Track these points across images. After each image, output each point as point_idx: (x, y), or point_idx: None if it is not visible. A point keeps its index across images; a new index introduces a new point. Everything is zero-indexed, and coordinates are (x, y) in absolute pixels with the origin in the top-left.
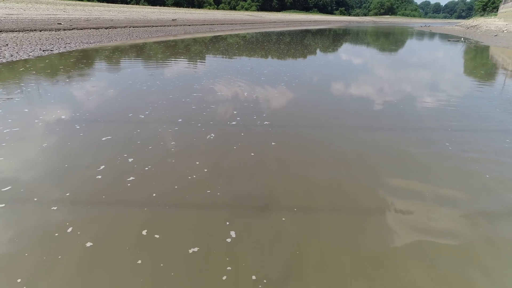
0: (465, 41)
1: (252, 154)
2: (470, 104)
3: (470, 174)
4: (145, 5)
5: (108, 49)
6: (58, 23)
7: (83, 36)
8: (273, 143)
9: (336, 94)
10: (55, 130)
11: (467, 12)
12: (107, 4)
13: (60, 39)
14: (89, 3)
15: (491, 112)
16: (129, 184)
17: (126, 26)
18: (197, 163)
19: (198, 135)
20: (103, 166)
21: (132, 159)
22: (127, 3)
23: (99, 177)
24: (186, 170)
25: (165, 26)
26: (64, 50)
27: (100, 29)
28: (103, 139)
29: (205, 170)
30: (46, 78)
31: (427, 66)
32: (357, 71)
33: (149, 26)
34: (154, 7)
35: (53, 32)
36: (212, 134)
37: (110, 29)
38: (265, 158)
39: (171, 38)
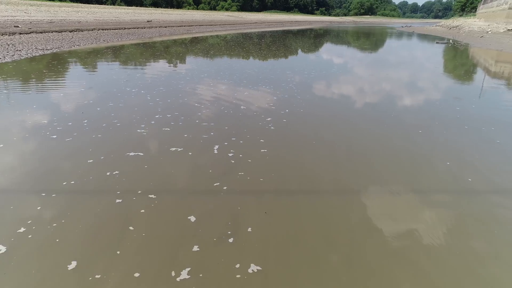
0: (454, 43)
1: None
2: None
3: None
4: (121, 5)
5: (64, 57)
6: (15, 26)
7: (40, 41)
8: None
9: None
10: None
11: (443, 12)
12: (76, 4)
13: (11, 45)
14: (56, 3)
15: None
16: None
17: (94, 29)
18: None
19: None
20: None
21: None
22: (102, 3)
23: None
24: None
25: (138, 28)
26: (9, 60)
27: (63, 32)
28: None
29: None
30: None
31: (425, 73)
32: (349, 77)
33: (121, 29)
34: (129, 7)
35: (6, 36)
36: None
37: (75, 32)
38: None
39: (145, 41)
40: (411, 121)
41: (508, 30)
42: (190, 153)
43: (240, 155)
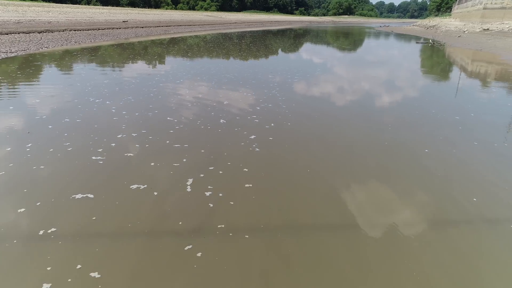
0: (433, 43)
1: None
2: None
3: None
4: (97, 5)
5: (27, 61)
6: None
7: (5, 43)
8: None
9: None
10: None
11: (419, 12)
12: (47, 4)
13: None
14: (26, 2)
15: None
16: None
17: (65, 30)
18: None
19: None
20: None
21: None
22: (77, 3)
23: None
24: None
25: (113, 28)
26: None
27: (31, 34)
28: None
29: None
30: None
31: (413, 73)
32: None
33: (95, 29)
34: (104, 7)
35: None
36: None
37: (44, 33)
38: None
39: (119, 42)
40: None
41: (484, 29)
42: (155, 193)
43: (220, 194)
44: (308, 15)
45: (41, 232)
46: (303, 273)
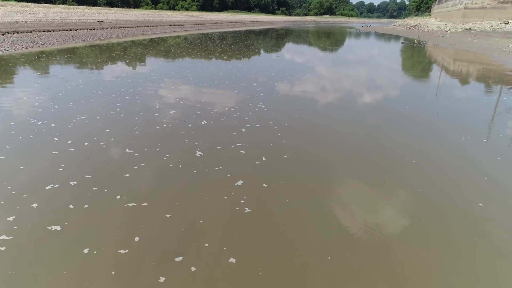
0: (419, 43)
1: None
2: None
3: None
4: (73, 5)
5: None
6: None
7: None
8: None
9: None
10: None
11: (398, 12)
12: (16, 3)
13: None
14: None
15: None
16: None
17: (34, 31)
18: None
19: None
20: None
21: None
22: (53, 3)
23: None
24: None
25: (87, 29)
26: None
27: None
28: None
29: None
30: None
31: (408, 74)
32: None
33: (66, 30)
34: (78, 7)
35: None
36: None
37: (9, 35)
38: None
39: (92, 43)
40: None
41: (466, 29)
42: None
43: None
44: (290, 15)
45: None
46: None
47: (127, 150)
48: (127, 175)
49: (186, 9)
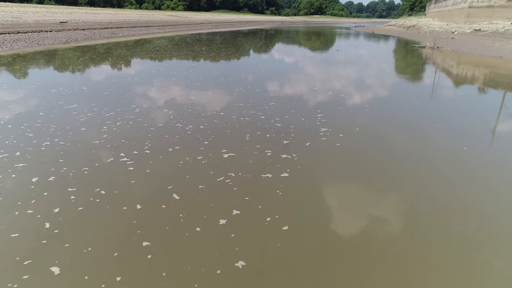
0: (433, 48)
1: None
2: None
3: None
4: (50, 4)
5: None
6: None
7: None
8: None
9: None
10: None
11: (387, 12)
12: None
13: None
14: None
15: None
16: None
17: None
18: None
19: None
20: None
21: None
22: (28, 2)
23: None
24: None
25: (41, 31)
26: None
27: None
28: None
29: None
30: None
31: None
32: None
33: (12, 33)
34: (42, 6)
35: None
36: None
37: None
38: None
39: (38, 49)
40: None
41: (475, 30)
42: None
43: None
44: (279, 15)
45: None
46: None
47: (80, 207)
48: (88, 228)
49: (173, 9)
